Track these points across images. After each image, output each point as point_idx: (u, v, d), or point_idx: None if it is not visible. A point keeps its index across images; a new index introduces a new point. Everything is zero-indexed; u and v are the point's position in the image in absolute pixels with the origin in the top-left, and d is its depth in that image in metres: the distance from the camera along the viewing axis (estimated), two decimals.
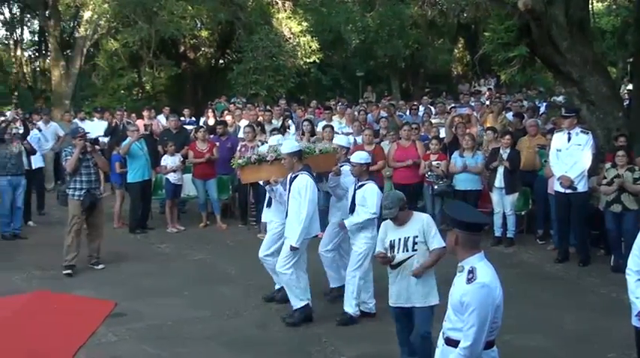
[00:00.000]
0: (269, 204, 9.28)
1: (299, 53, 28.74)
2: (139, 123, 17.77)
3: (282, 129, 14.45)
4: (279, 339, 8.08)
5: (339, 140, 9.88)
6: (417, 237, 6.61)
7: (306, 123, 14.87)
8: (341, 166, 8.98)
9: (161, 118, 19.47)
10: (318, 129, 14.78)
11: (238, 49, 29.65)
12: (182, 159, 13.99)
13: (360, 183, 8.47)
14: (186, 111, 20.53)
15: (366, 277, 8.59)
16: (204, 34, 31.41)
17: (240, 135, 15.08)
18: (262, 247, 9.24)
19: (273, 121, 16.44)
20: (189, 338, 8.14)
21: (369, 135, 13.11)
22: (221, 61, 34.78)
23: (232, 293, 9.79)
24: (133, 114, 20.19)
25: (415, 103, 20.28)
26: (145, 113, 19.33)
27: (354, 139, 14.00)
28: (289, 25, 28.99)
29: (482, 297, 4.53)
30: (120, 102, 27.48)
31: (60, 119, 21.32)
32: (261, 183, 9.47)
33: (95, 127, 18.56)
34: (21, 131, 13.95)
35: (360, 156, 8.56)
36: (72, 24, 33.41)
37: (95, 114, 19.83)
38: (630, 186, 10.34)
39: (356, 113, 16.59)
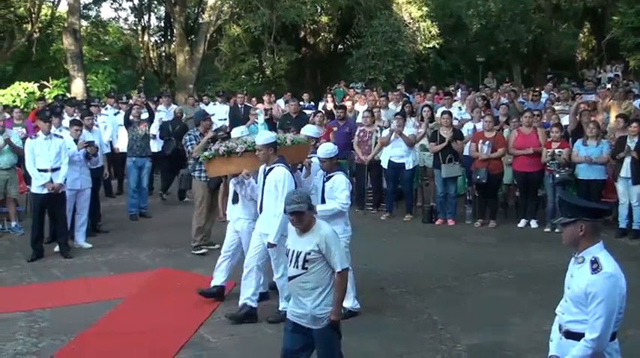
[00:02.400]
0: (235, 200, 8.72)
1: (419, 38, 28.57)
2: (260, 107, 18.12)
3: (402, 115, 14.33)
4: (394, 324, 8.06)
5: (307, 130, 9.31)
6: (309, 254, 5.61)
7: (426, 108, 14.74)
8: (309, 158, 8.61)
9: (280, 102, 19.77)
10: (437, 114, 14.65)
11: (358, 34, 29.70)
12: None
13: (328, 175, 8.19)
14: (305, 96, 20.76)
15: None
16: (324, 19, 31.64)
17: (359, 120, 15.13)
18: (225, 245, 8.87)
19: (390, 106, 16.41)
20: None
21: (490, 122, 12.88)
22: (340, 46, 34.97)
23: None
24: (254, 99, 20.56)
25: (537, 89, 19.77)
26: (266, 97, 19.71)
27: (474, 126, 13.83)
28: (409, 10, 28.83)
29: (610, 287, 4.40)
30: (241, 86, 28.05)
31: (184, 103, 21.96)
32: (228, 177, 8.84)
33: (217, 111, 19.05)
34: (146, 115, 14.37)
35: (327, 150, 8.18)
36: (196, 10, 34.35)
37: (217, 98, 20.29)
38: None
39: (476, 99, 16.33)
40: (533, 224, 12.56)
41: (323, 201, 8.18)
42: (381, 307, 8.63)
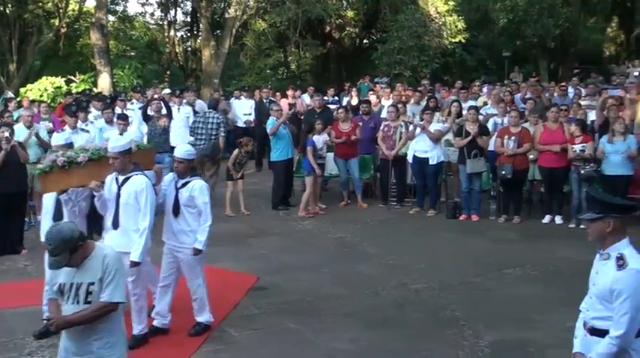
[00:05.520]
0: (58, 217, 7.49)
1: (444, 33, 28.44)
2: (284, 102, 18.12)
3: (431, 110, 14.19)
4: (417, 320, 8.05)
5: (58, 139, 8.37)
6: (92, 284, 4.74)
7: (455, 104, 14.66)
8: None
9: (305, 97, 19.76)
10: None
11: (383, 29, 29.67)
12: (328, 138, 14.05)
13: (182, 182, 7.42)
14: (329, 91, 20.74)
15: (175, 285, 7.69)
16: (350, 14, 31.62)
17: (384, 114, 15.09)
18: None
19: (411, 101, 16.38)
20: (328, 314, 8.23)
21: (515, 117, 12.77)
22: (365, 41, 34.91)
23: (371, 272, 9.85)
24: (278, 94, 20.56)
25: (564, 84, 19.57)
26: (290, 92, 19.70)
27: (502, 121, 13.70)
28: (435, 4, 28.70)
29: (636, 284, 4.37)
30: (266, 81, 28.08)
31: (209, 97, 22.02)
32: (48, 195, 7.80)
33: (242, 106, 19.09)
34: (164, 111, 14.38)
35: (186, 151, 7.51)
36: (222, 5, 34.41)
37: (242, 93, 20.27)
38: None
39: (501, 94, 16.21)
40: (558, 220, 12.44)
41: (177, 211, 7.46)
42: (404, 303, 8.61)
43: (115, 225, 7.13)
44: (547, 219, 12.55)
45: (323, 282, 9.40)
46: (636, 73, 25.55)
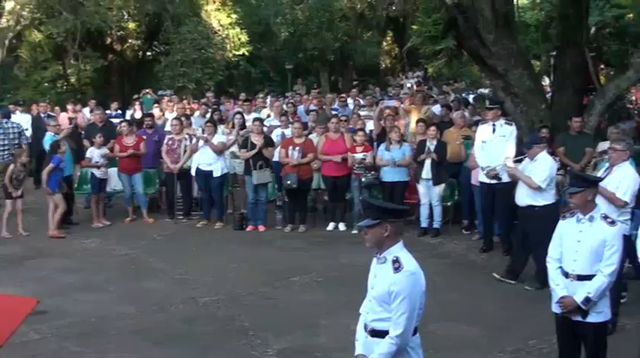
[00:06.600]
0: None
1: (228, 45, 28.68)
2: (63, 116, 17.42)
3: (213, 122, 14.20)
4: (206, 334, 8.00)
5: None
6: None
7: (238, 116, 14.74)
8: None
9: (86, 111, 19.11)
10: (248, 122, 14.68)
11: (166, 41, 29.43)
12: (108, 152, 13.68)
13: None
14: (114, 105, 20.21)
15: None
16: (132, 25, 31.02)
17: (167, 128, 14.90)
18: None
19: (199, 114, 16.33)
20: (114, 335, 7.98)
21: (299, 128, 13.06)
22: (148, 53, 34.35)
23: (158, 288, 9.66)
24: (57, 107, 19.73)
25: (344, 96, 20.26)
26: (70, 106, 18.99)
27: (282, 132, 13.97)
28: (218, 17, 28.86)
29: (411, 285, 4.56)
30: (44, 95, 26.88)
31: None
32: None
33: (18, 121, 18.10)
34: None
35: None
36: None
37: (17, 108, 19.24)
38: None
39: (284, 106, 16.52)
40: (342, 227, 12.83)
41: None
42: (192, 317, 8.54)
43: None
44: (331, 226, 12.91)
45: (108, 302, 9.10)
46: (409, 85, 26.99)
